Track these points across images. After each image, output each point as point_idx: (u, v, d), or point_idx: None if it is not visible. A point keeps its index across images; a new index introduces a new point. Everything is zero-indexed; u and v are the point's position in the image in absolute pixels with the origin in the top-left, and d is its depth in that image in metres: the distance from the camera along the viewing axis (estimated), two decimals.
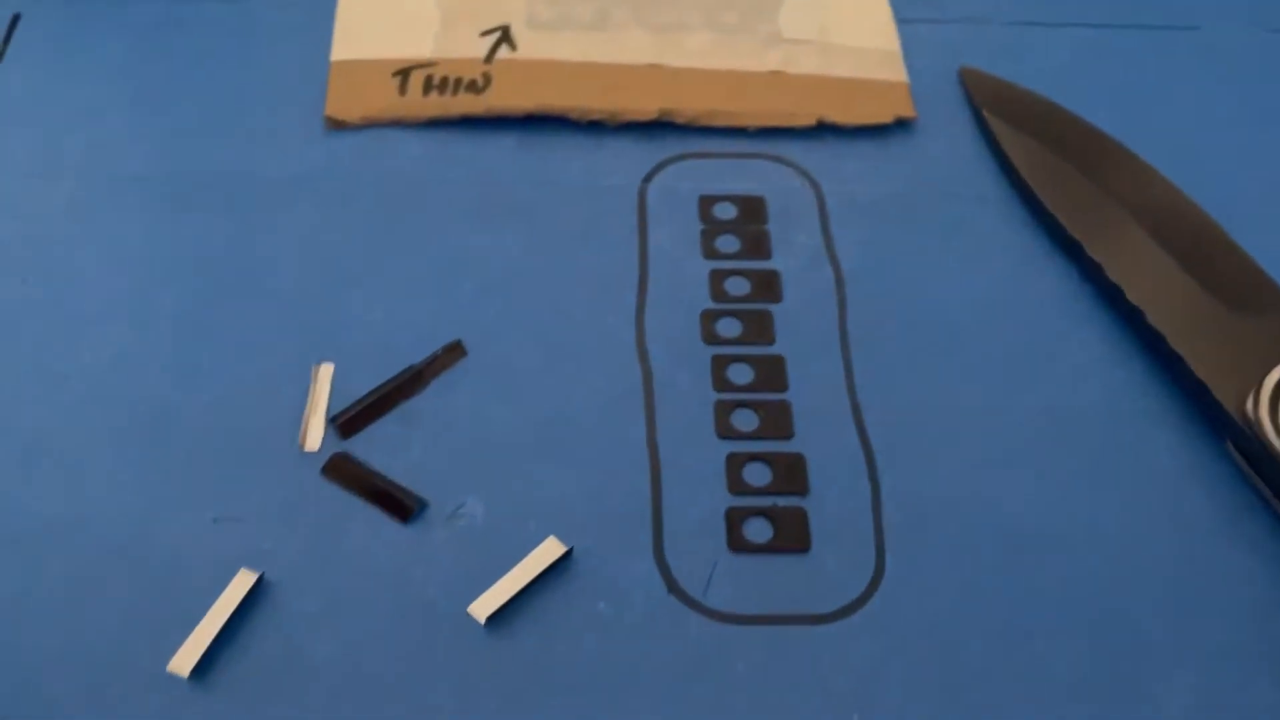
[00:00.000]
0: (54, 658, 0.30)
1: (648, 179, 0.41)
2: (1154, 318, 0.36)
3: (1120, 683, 0.31)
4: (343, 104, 0.42)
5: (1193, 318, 0.36)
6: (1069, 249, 0.39)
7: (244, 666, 0.30)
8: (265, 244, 0.38)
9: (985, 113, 0.43)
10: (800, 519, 0.33)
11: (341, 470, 0.33)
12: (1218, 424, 0.35)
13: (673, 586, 0.32)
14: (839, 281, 0.39)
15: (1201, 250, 0.38)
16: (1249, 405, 0.33)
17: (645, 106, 0.42)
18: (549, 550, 0.32)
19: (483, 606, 0.31)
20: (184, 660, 0.29)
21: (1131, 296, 0.37)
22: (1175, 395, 0.36)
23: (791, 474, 0.34)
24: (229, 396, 0.35)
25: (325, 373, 0.35)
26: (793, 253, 0.40)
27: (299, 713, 0.29)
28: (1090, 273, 0.39)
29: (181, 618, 0.30)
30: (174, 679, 0.29)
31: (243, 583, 0.31)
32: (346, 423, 0.34)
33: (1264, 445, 0.33)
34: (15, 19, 0.43)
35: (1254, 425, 0.33)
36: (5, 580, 0.31)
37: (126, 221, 0.39)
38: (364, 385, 0.35)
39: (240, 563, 0.31)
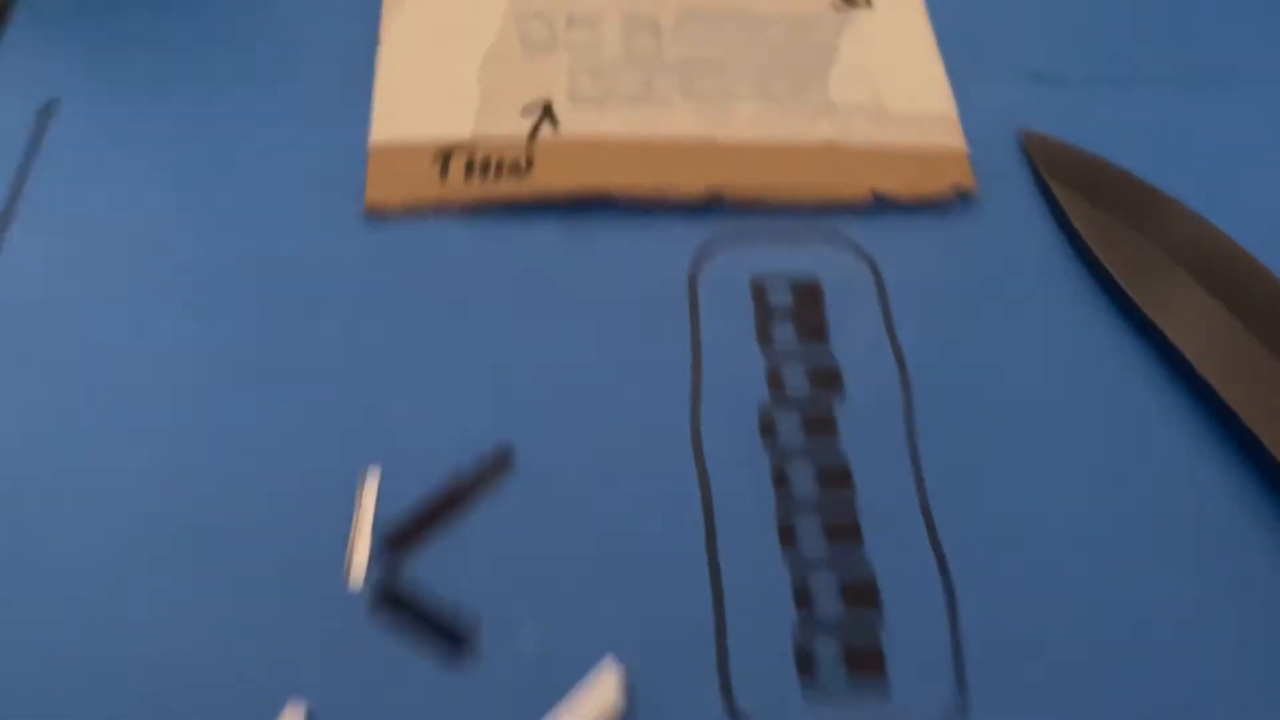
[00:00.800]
0: None
1: (698, 262, 0.39)
2: (1236, 405, 0.34)
3: None
4: (383, 190, 0.40)
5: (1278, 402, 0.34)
6: (1146, 330, 0.37)
7: None
8: (306, 341, 0.37)
9: (1049, 180, 0.41)
10: (875, 651, 0.31)
11: (389, 602, 0.32)
12: None
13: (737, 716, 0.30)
14: (903, 370, 0.37)
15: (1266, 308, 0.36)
16: None
17: (694, 184, 0.40)
18: (606, 692, 0.30)
19: None
20: None
21: (1212, 380, 0.35)
22: (1270, 495, 0.34)
23: (861, 593, 0.32)
24: (270, 514, 0.33)
25: (371, 485, 0.34)
26: (852, 340, 0.38)
27: None
28: (1171, 358, 0.37)
29: None
30: None
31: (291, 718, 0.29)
32: (394, 544, 0.33)
33: None
34: (49, 105, 0.42)
35: None
36: (48, 713, 0.30)
37: (162, 319, 0.37)
38: (410, 490, 0.34)
39: (286, 698, 0.30)
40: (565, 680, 0.31)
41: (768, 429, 0.36)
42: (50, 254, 0.39)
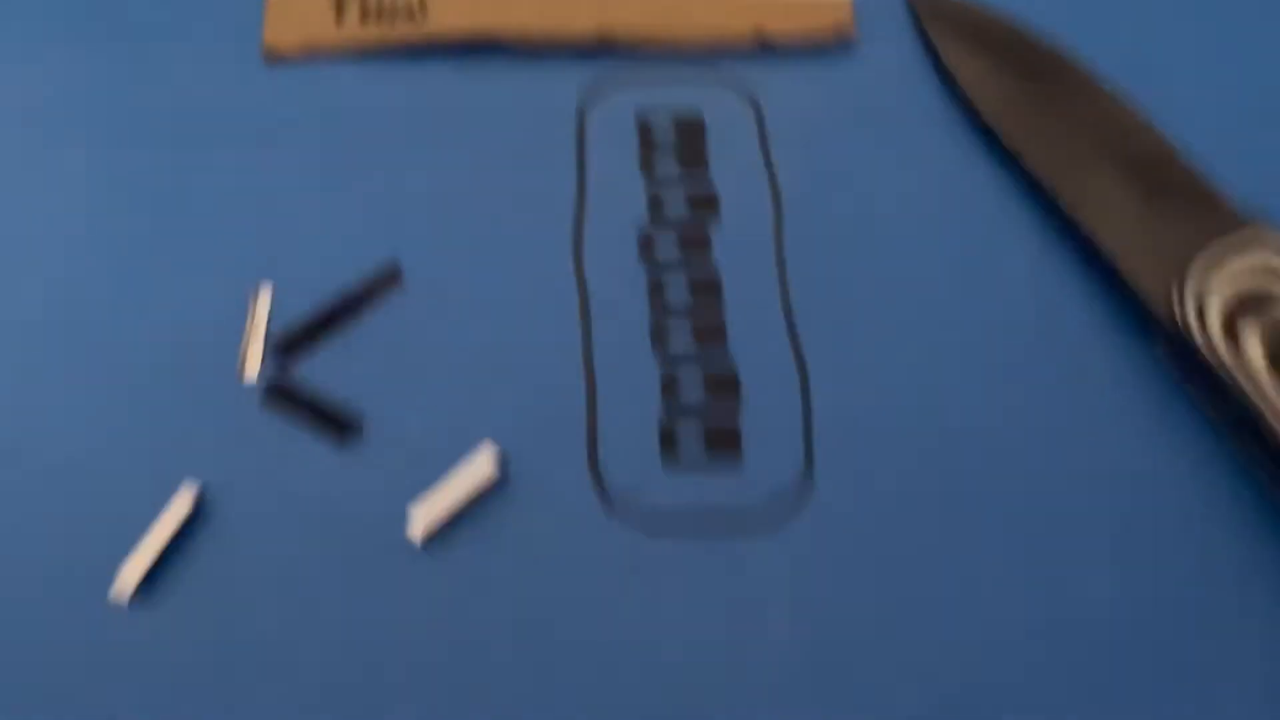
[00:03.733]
0: (3, 576, 0.30)
1: (586, 101, 0.41)
2: (1085, 219, 0.36)
3: (1049, 575, 0.32)
4: (280, 32, 0.41)
5: (1122, 218, 0.36)
6: (1006, 158, 0.40)
7: (185, 587, 0.31)
8: (205, 177, 0.38)
9: (925, 23, 0.43)
10: (732, 433, 0.34)
11: (281, 395, 0.34)
12: (1149, 325, 0.35)
13: (606, 498, 0.33)
14: (777, 200, 0.39)
15: (1134, 149, 0.38)
16: (1174, 304, 0.34)
17: (583, 26, 0.42)
18: (483, 465, 0.33)
19: (419, 526, 0.32)
20: (125, 584, 0.30)
21: (1063, 199, 0.37)
22: (1110, 301, 0.37)
23: (724, 388, 0.35)
24: (170, 325, 0.35)
25: (264, 297, 0.36)
26: (732, 172, 0.40)
27: (240, 630, 0.30)
28: (1027, 180, 0.39)
29: (124, 541, 0.31)
30: (117, 597, 0.30)
31: (181, 505, 0.31)
32: (285, 347, 0.35)
33: (1189, 344, 0.33)
34: None
35: (1180, 325, 0.33)
36: None
37: (66, 159, 0.39)
38: (301, 309, 0.36)
39: (179, 481, 0.32)
40: (446, 462, 0.33)
41: (646, 247, 0.38)
42: None
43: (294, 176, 0.39)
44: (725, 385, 0.35)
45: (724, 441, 0.33)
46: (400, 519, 0.32)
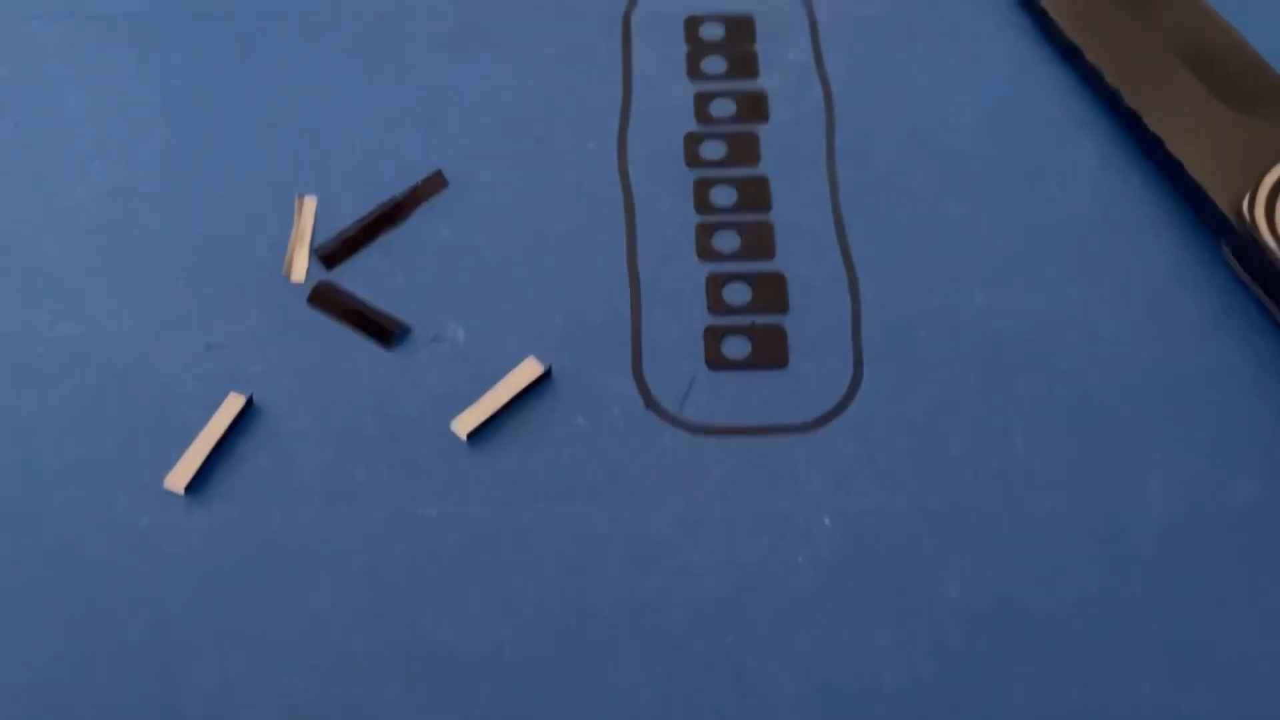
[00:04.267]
0: (62, 472, 0.31)
1: (632, 1, 0.40)
2: (1152, 121, 0.35)
3: (1104, 477, 0.31)
4: None
5: (1192, 119, 0.35)
6: (1069, 55, 0.38)
7: (237, 480, 0.31)
8: (246, 78, 0.38)
9: None
10: (778, 335, 0.33)
11: (326, 298, 0.34)
12: (1213, 227, 0.34)
13: (650, 401, 0.32)
14: (828, 99, 0.38)
15: (1206, 51, 0.36)
16: (1244, 206, 0.32)
17: None
18: (528, 369, 0.32)
19: (464, 423, 0.32)
20: (179, 476, 0.31)
21: (1130, 100, 0.36)
22: (1173, 202, 0.35)
23: (771, 292, 0.34)
24: (216, 228, 0.35)
25: (309, 205, 0.36)
26: (781, 72, 0.39)
27: (290, 520, 0.31)
28: (1090, 79, 0.37)
29: (178, 436, 0.32)
30: (171, 493, 0.31)
31: (234, 404, 0.32)
32: (330, 254, 0.35)
33: (1258, 245, 0.32)
34: None
35: (1249, 226, 0.32)
36: (16, 401, 0.32)
37: (112, 60, 0.39)
38: (347, 216, 0.36)
39: (231, 385, 0.32)
40: (491, 366, 0.33)
41: (692, 152, 0.37)
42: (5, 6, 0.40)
43: (337, 79, 0.38)
44: (772, 288, 0.34)
45: (770, 344, 0.33)
46: (446, 419, 0.32)
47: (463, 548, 0.30)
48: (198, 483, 0.31)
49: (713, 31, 0.39)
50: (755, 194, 0.36)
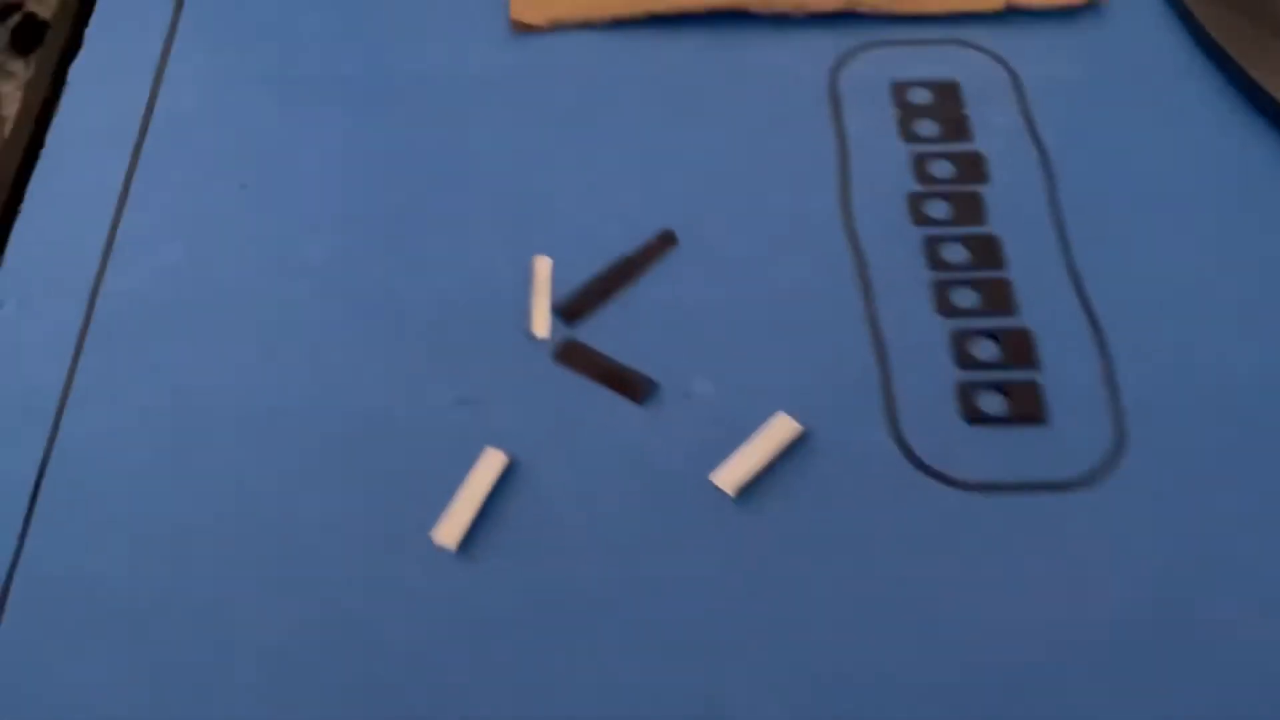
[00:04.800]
0: (322, 527, 0.31)
1: (837, 68, 0.41)
2: None
3: None
4: (527, 8, 0.42)
5: None
6: (1270, 111, 0.38)
7: (501, 536, 0.31)
8: (467, 143, 0.39)
9: None
10: (1033, 391, 0.33)
11: (573, 355, 0.34)
12: None
13: (912, 457, 0.32)
14: (1045, 159, 0.38)
15: None
16: None
17: None
18: (785, 426, 0.32)
19: (731, 479, 0.31)
20: (450, 532, 0.30)
21: None
22: None
23: (1019, 347, 0.34)
24: (452, 287, 0.35)
25: (544, 265, 0.36)
26: (994, 134, 0.39)
27: (557, 577, 0.30)
28: None
29: (434, 492, 0.31)
30: (439, 549, 0.30)
31: (495, 460, 0.31)
32: (570, 309, 0.35)
33: None
34: None
35: None
36: (267, 458, 0.32)
37: (330, 123, 0.39)
38: (579, 275, 0.36)
39: (484, 441, 0.32)
40: (741, 420, 0.32)
41: (917, 211, 0.37)
42: (215, 74, 0.41)
43: (556, 144, 0.39)
44: (1019, 343, 0.34)
45: (1026, 400, 0.33)
46: (703, 474, 0.31)
47: (741, 608, 0.30)
48: (467, 539, 0.30)
49: (920, 96, 0.40)
50: (987, 251, 0.36)
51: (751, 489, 0.31)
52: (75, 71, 0.40)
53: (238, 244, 0.36)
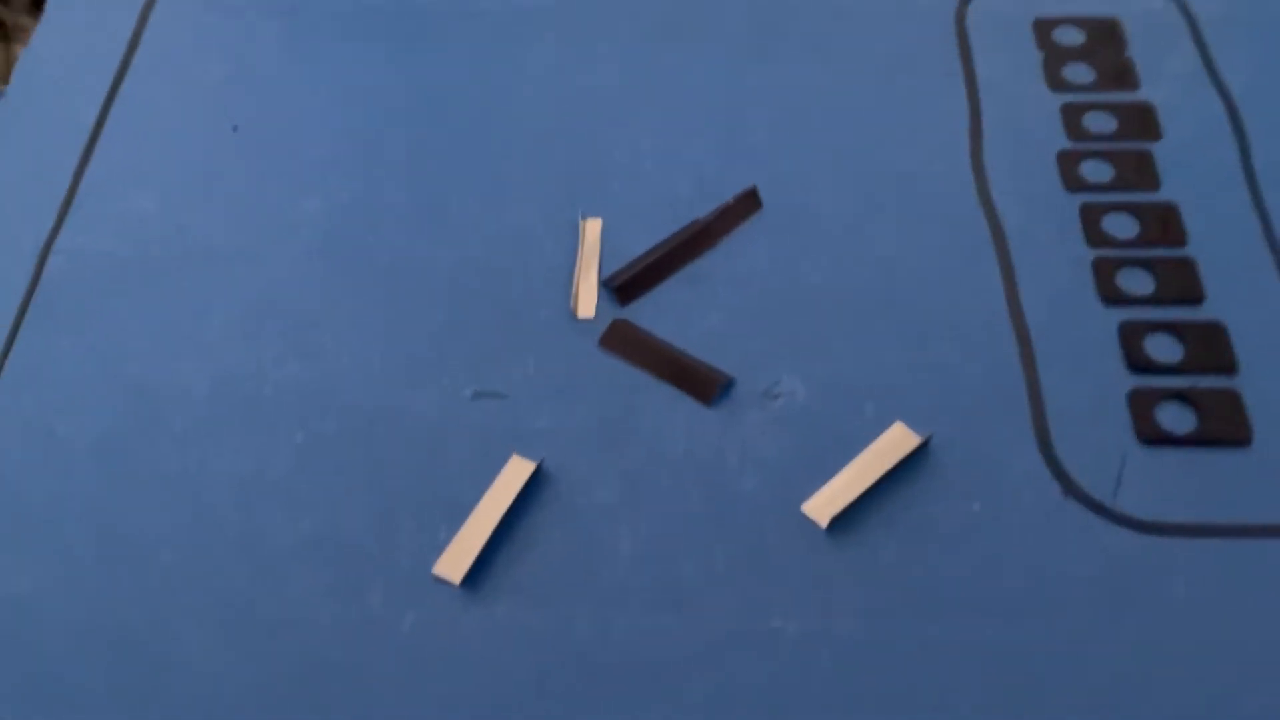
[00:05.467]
0: (295, 552, 0.24)
1: (966, 1, 0.33)
2: None
3: None
4: None
5: None
6: None
7: (526, 570, 0.24)
8: (508, 81, 0.32)
9: None
10: (1231, 402, 0.25)
11: (625, 340, 0.27)
12: None
13: (1070, 486, 0.24)
14: (1234, 113, 0.30)
15: None
16: None
17: None
18: (900, 439, 0.25)
19: (822, 506, 0.24)
20: (454, 562, 0.23)
21: None
22: None
23: (1210, 346, 0.26)
24: (479, 253, 0.28)
25: (594, 228, 0.29)
26: (1165, 82, 0.31)
27: (601, 626, 0.23)
28: None
29: (446, 508, 0.24)
30: (441, 583, 0.23)
31: (520, 470, 0.24)
32: (624, 286, 0.28)
33: None
34: None
35: None
36: (238, 457, 0.25)
37: (346, 58, 0.33)
38: (638, 242, 0.28)
39: (511, 445, 0.25)
40: (846, 435, 0.25)
41: (1071, 174, 0.29)
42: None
43: (616, 83, 0.32)
44: (1209, 340, 0.26)
45: (1222, 413, 0.25)
46: (795, 499, 0.24)
47: (834, 674, 0.22)
48: (478, 571, 0.23)
49: (1071, 36, 0.32)
50: (1162, 223, 0.28)
51: (854, 521, 0.24)
52: (53, 1, 0.34)
53: (222, 194, 0.30)
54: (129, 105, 0.32)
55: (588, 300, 0.27)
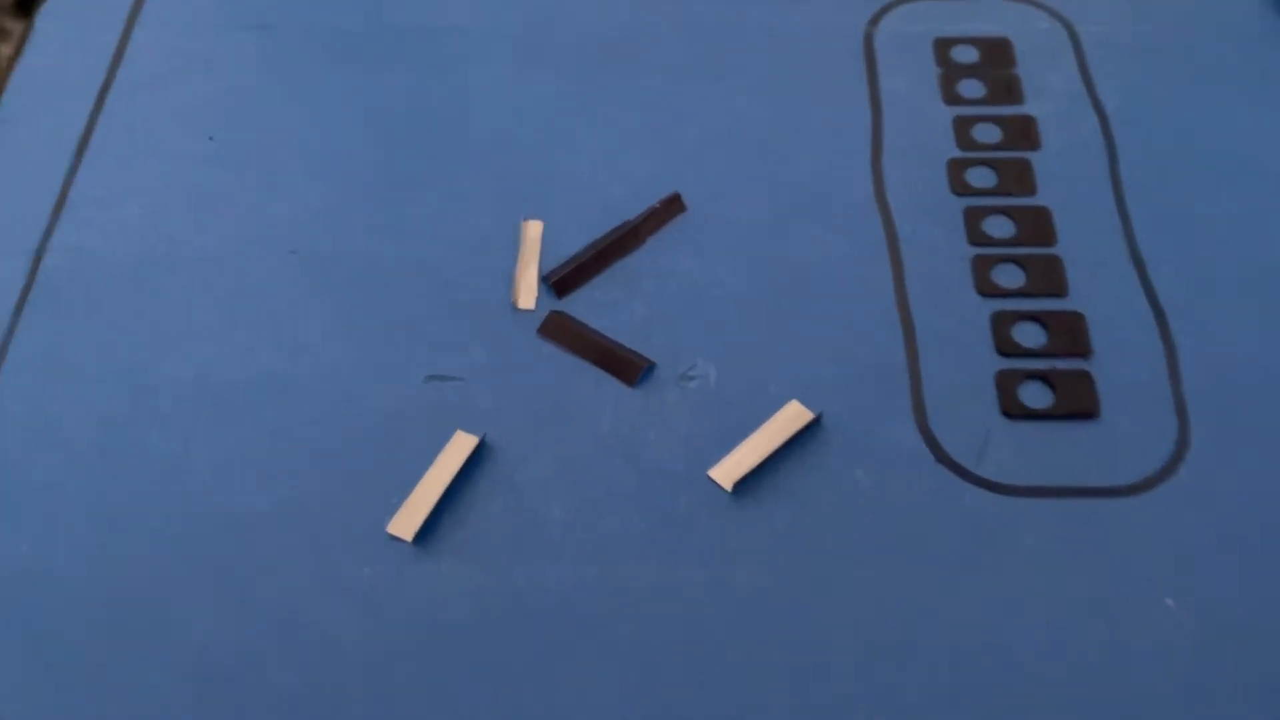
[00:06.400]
0: (271, 517, 0.27)
1: (874, 22, 0.37)
2: None
3: None
4: None
5: None
6: None
7: (471, 531, 0.27)
8: (462, 97, 0.35)
9: None
10: (1085, 382, 0.29)
11: (560, 329, 0.30)
12: None
13: (941, 455, 0.28)
14: (1106, 127, 0.34)
15: None
16: None
17: None
18: (795, 414, 0.28)
19: (727, 472, 0.27)
20: (406, 523, 0.27)
21: None
22: None
23: (1070, 333, 0.30)
24: (434, 253, 0.32)
25: (535, 229, 0.32)
26: (1049, 98, 0.35)
27: (536, 579, 0.26)
28: None
29: (399, 478, 0.28)
30: (395, 542, 0.27)
31: (464, 443, 0.28)
32: (561, 281, 0.31)
33: None
34: None
35: None
36: (218, 436, 0.29)
37: (316, 75, 0.36)
38: (575, 242, 0.32)
39: (457, 422, 0.28)
40: (746, 406, 0.28)
41: (958, 179, 0.33)
42: (198, 15, 0.38)
43: (560, 99, 0.35)
44: (1070, 328, 0.29)
45: (1076, 392, 0.28)
46: (703, 467, 0.28)
47: (736, 619, 0.26)
48: (426, 532, 0.27)
49: (966, 54, 0.36)
50: (1036, 226, 0.32)
51: (754, 486, 0.28)
52: (43, 14, 0.38)
53: (200, 200, 0.33)
54: (114, 118, 0.35)
55: (528, 294, 0.31)
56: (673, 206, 0.33)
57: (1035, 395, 0.29)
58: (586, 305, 0.31)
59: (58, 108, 0.35)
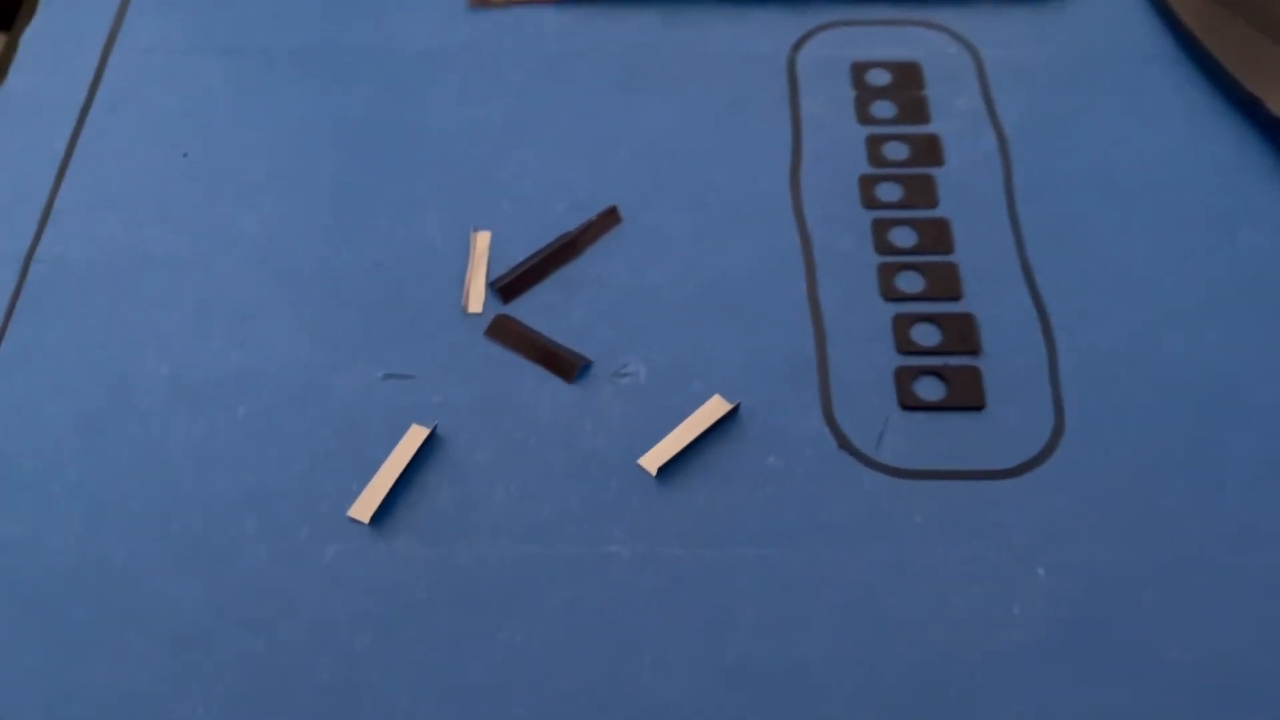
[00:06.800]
0: (240, 502, 0.30)
1: (796, 47, 0.40)
2: None
3: None
4: None
5: None
6: (1247, 106, 0.37)
7: (422, 513, 0.30)
8: (415, 116, 0.38)
9: None
10: (973, 377, 0.32)
11: (505, 331, 0.33)
12: None
13: (843, 442, 0.31)
14: (1003, 145, 0.37)
15: None
16: None
17: None
18: (715, 406, 0.32)
19: (653, 459, 0.31)
20: (364, 506, 0.30)
21: None
22: None
23: (962, 334, 0.33)
24: (390, 260, 0.35)
25: (483, 240, 0.35)
26: (953, 117, 0.38)
27: (480, 556, 0.29)
28: (1271, 129, 0.36)
29: (358, 466, 0.31)
30: (354, 524, 0.30)
31: (417, 435, 0.31)
32: (507, 287, 0.34)
33: None
34: None
35: None
36: (191, 428, 0.32)
37: (277, 94, 0.39)
38: (520, 251, 0.35)
39: (411, 416, 0.32)
40: (673, 401, 0.32)
41: (868, 193, 0.36)
42: (169, 38, 0.40)
43: (506, 117, 0.38)
44: (962, 329, 0.33)
45: (965, 386, 0.32)
46: (633, 455, 0.31)
47: (658, 589, 0.29)
48: (382, 515, 0.30)
49: (880, 78, 0.39)
50: (936, 235, 0.35)
51: (678, 471, 0.31)
52: (27, 39, 0.40)
53: (174, 213, 0.36)
54: (94, 136, 0.38)
55: (477, 299, 0.34)
56: (609, 219, 0.36)
57: (929, 389, 0.32)
58: (530, 309, 0.34)
59: (42, 126, 0.38)
